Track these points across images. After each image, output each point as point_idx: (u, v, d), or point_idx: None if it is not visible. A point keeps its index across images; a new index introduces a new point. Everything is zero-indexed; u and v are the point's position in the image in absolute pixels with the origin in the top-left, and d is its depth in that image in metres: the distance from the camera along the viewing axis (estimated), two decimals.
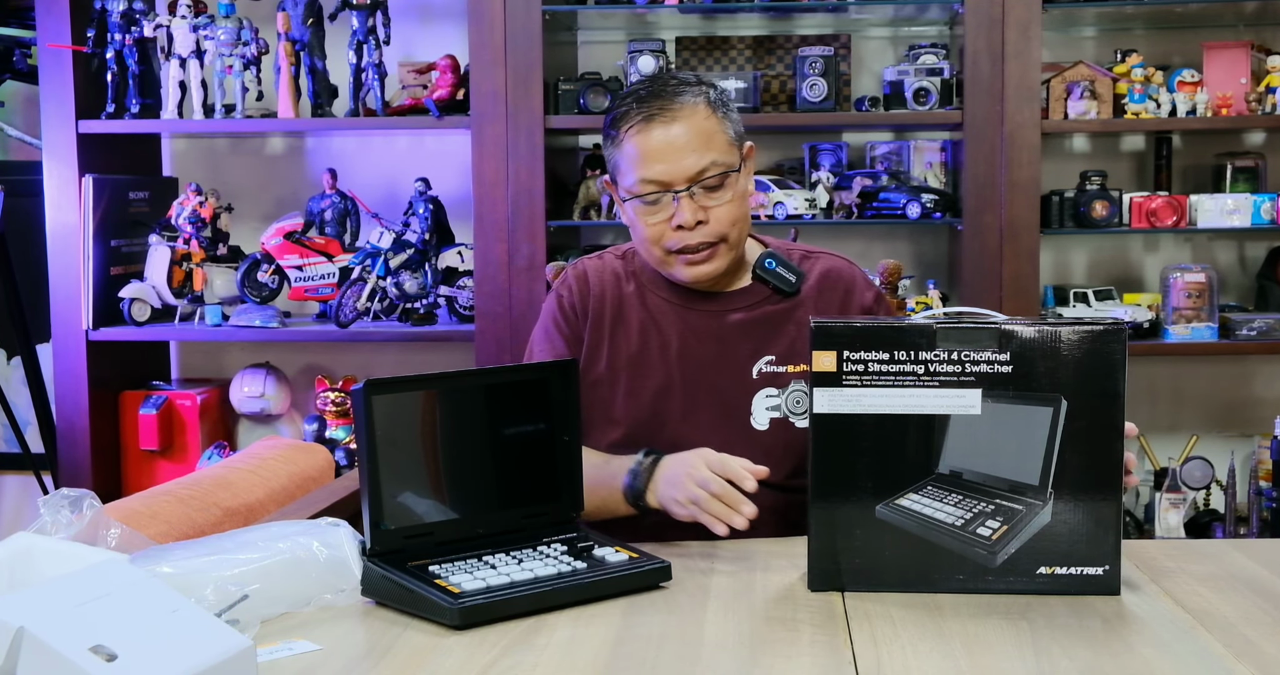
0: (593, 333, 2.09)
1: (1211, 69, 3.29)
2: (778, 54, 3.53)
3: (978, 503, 1.60)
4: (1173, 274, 3.28)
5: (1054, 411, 1.60)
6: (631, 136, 1.99)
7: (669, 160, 1.97)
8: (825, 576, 1.62)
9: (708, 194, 1.98)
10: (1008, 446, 1.60)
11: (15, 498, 3.85)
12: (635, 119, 1.99)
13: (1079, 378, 1.60)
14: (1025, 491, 1.60)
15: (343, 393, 3.44)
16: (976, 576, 1.59)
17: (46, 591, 1.24)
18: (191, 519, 2.00)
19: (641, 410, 2.04)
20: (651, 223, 2.00)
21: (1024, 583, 1.60)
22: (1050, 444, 1.60)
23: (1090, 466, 1.61)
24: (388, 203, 3.56)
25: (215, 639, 1.26)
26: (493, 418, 1.71)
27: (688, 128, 1.98)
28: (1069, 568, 1.60)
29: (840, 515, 1.61)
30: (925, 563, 1.60)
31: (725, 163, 1.99)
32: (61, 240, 3.37)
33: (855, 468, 1.60)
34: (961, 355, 1.59)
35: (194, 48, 3.36)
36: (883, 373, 1.59)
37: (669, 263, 2.03)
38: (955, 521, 1.60)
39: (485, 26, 3.24)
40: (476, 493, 1.70)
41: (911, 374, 1.59)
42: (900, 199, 3.28)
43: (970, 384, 1.59)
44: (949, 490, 1.60)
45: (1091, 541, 1.60)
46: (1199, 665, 1.37)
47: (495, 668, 1.39)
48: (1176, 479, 3.33)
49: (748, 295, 2.09)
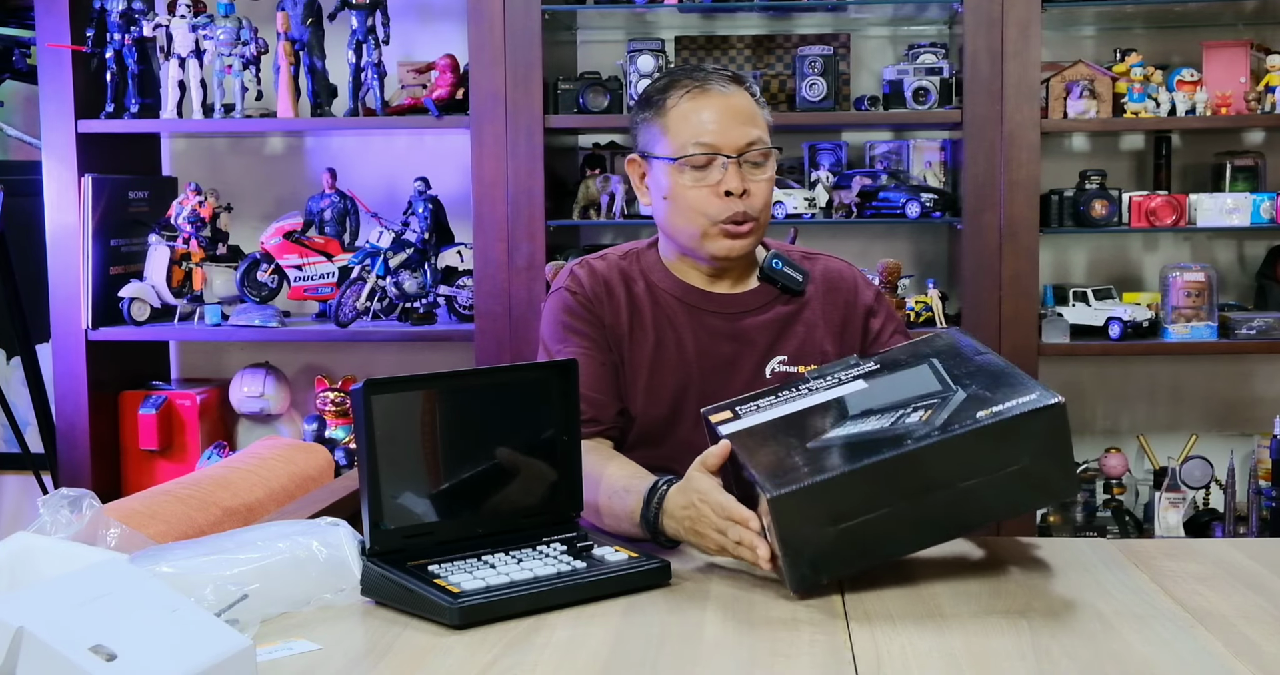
0: (612, 328, 2.06)
1: (1211, 68, 3.29)
2: (777, 53, 3.54)
3: (893, 413, 1.67)
4: (1172, 273, 3.29)
5: (929, 365, 1.75)
6: (685, 101, 2.01)
7: (722, 126, 1.99)
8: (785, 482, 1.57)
9: (751, 169, 2.01)
10: (905, 385, 1.72)
11: (15, 498, 3.85)
12: (689, 86, 2.02)
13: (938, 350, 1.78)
14: (932, 394, 1.68)
15: (342, 392, 3.44)
16: (924, 437, 1.59)
17: (46, 591, 1.24)
18: (191, 519, 2.00)
19: (659, 409, 2.04)
20: (698, 189, 2.00)
21: (970, 425, 1.59)
22: (939, 374, 1.72)
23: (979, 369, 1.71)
24: (387, 202, 3.56)
25: (215, 639, 1.26)
26: (493, 417, 1.71)
27: (739, 102, 2.03)
28: (1004, 403, 1.61)
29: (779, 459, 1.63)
30: (871, 446, 1.60)
31: (768, 142, 2.03)
32: (61, 240, 3.37)
33: (776, 439, 1.68)
34: (834, 376, 1.79)
35: (193, 47, 3.36)
36: (773, 404, 1.77)
37: (708, 236, 2.02)
38: (882, 425, 1.65)
39: (485, 26, 3.24)
40: (476, 492, 1.70)
41: (797, 395, 1.77)
42: (900, 198, 3.29)
43: (851, 380, 1.77)
44: (865, 416, 1.68)
45: (1010, 388, 1.64)
46: (1199, 664, 1.38)
47: (495, 667, 1.39)
48: (1176, 478, 3.33)
49: (758, 296, 2.09)
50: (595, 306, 2.06)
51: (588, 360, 1.99)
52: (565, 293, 2.08)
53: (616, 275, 2.09)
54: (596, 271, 2.09)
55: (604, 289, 2.07)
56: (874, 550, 1.63)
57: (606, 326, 2.05)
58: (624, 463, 1.91)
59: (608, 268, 2.10)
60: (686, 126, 2.00)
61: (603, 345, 2.04)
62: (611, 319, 2.06)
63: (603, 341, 2.04)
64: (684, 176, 2.00)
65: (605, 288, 2.07)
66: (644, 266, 2.11)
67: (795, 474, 1.58)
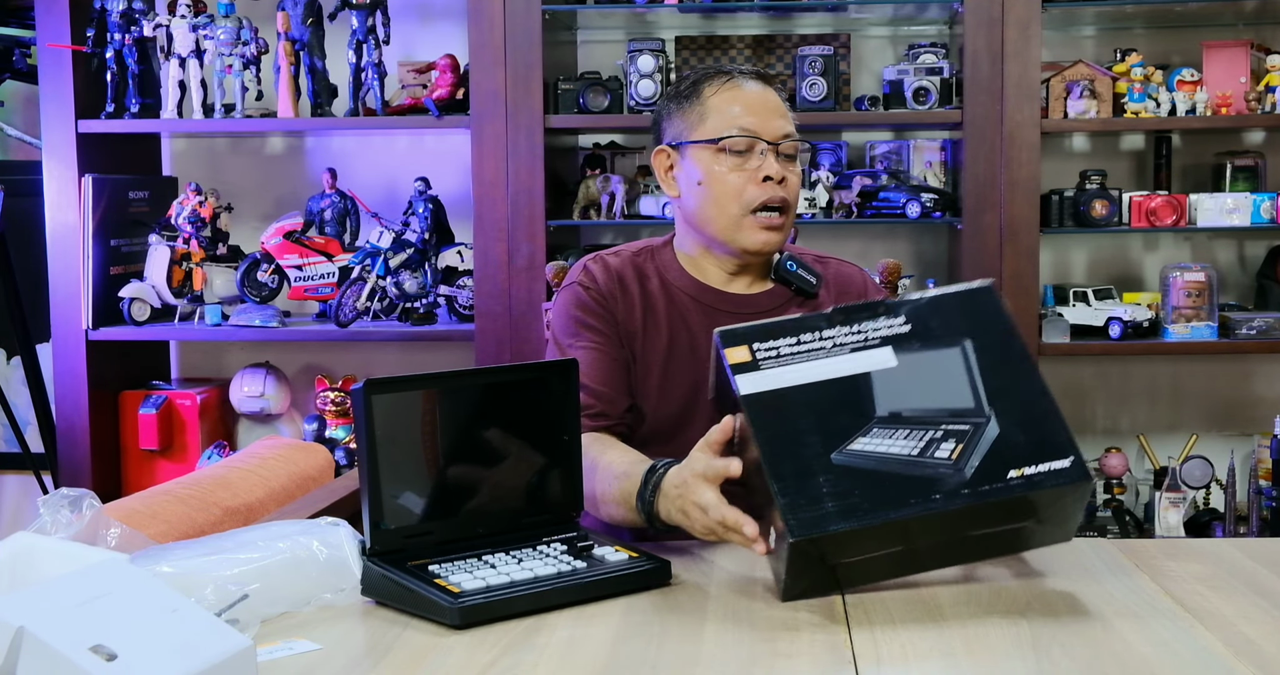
0: (624, 325, 2.05)
1: (1211, 68, 3.29)
2: (777, 53, 3.54)
3: (925, 432, 1.61)
4: (1172, 273, 3.29)
5: (962, 349, 1.66)
6: (725, 89, 2.03)
7: (762, 114, 2.02)
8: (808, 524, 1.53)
9: (786, 161, 2.03)
10: (935, 384, 1.64)
11: (15, 498, 3.85)
12: (725, 79, 2.04)
13: (971, 325, 1.67)
14: (966, 414, 1.62)
15: (342, 392, 3.44)
16: (953, 494, 1.56)
17: (46, 591, 1.24)
18: (191, 519, 2.00)
19: (672, 407, 2.03)
20: (735, 176, 2.00)
21: (1001, 489, 1.56)
22: (971, 373, 1.64)
23: (1014, 382, 1.64)
24: (387, 202, 3.56)
25: (215, 639, 1.26)
26: (492, 417, 1.71)
27: (773, 97, 2.06)
28: (1037, 466, 1.58)
29: (800, 471, 1.56)
30: (898, 490, 1.56)
31: (799, 137, 2.06)
32: (61, 240, 3.37)
33: (798, 430, 1.59)
34: (860, 327, 1.66)
35: (194, 47, 3.36)
36: (794, 354, 1.64)
37: (742, 226, 2.02)
38: (911, 451, 1.59)
39: (485, 26, 3.24)
40: (476, 492, 1.70)
41: (820, 350, 1.65)
42: (900, 198, 3.29)
43: (877, 346, 1.65)
44: (894, 428, 1.61)
45: (1046, 440, 1.60)
46: (1199, 664, 1.37)
47: (495, 667, 1.39)
48: (1176, 478, 3.33)
49: (772, 297, 2.09)
50: (609, 302, 2.05)
51: (600, 355, 1.99)
52: (578, 287, 2.07)
53: (631, 271, 2.08)
54: (610, 267, 2.08)
55: (618, 285, 2.06)
56: (871, 576, 1.63)
57: (619, 322, 2.04)
58: (625, 450, 1.90)
59: (622, 263, 2.09)
60: (727, 112, 2.02)
61: (615, 341, 2.03)
62: (625, 315, 2.05)
63: (615, 337, 2.04)
64: (722, 162, 2.01)
65: (619, 284, 2.06)
66: (659, 264, 2.10)
67: (820, 513, 1.53)
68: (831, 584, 1.61)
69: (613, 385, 2.00)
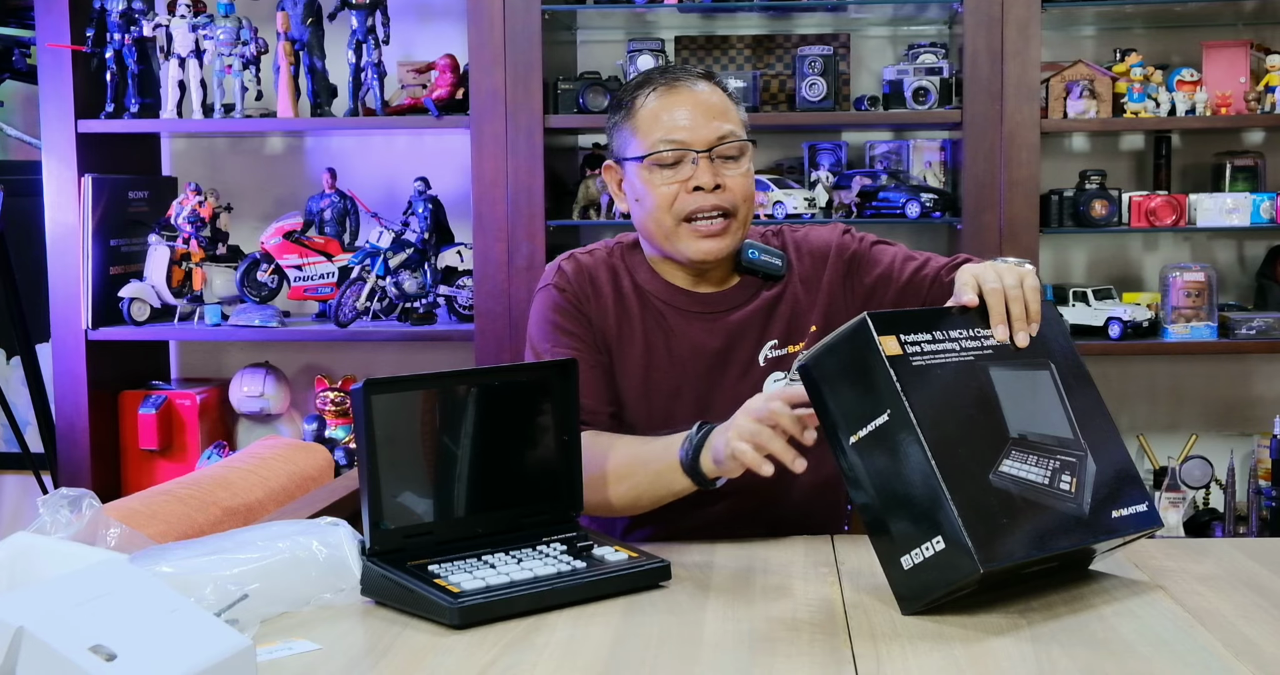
0: (599, 326, 2.04)
1: (1211, 68, 3.29)
2: (777, 53, 3.54)
3: (1048, 460, 1.60)
4: (1172, 273, 3.29)
5: (1050, 373, 1.66)
6: (655, 98, 1.99)
7: (691, 122, 1.97)
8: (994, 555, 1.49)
9: (725, 163, 1.98)
10: (1038, 407, 1.63)
11: (15, 498, 3.85)
12: (659, 84, 2.00)
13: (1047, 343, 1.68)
14: (1069, 445, 1.63)
15: (342, 392, 3.44)
16: (1078, 531, 1.57)
17: (46, 591, 1.24)
18: (191, 519, 2.00)
19: (653, 412, 2.02)
20: (665, 186, 1.97)
21: (1109, 531, 1.59)
22: (1063, 401, 1.65)
23: (1091, 414, 1.66)
24: (387, 202, 3.56)
25: (215, 639, 1.26)
26: (492, 417, 1.71)
27: (710, 97, 2.00)
28: (1126, 509, 1.62)
29: (967, 489, 1.51)
30: (1050, 521, 1.56)
31: (741, 135, 2.01)
32: (61, 240, 3.37)
33: (952, 439, 1.55)
34: (973, 332, 1.65)
35: (193, 47, 3.36)
36: (935, 351, 1.61)
37: (677, 236, 1.99)
38: (1042, 480, 1.58)
39: (485, 26, 3.24)
40: (476, 492, 1.70)
41: (953, 350, 1.62)
42: (899, 198, 3.29)
43: (989, 357, 1.63)
44: (1026, 453, 1.59)
45: (1126, 481, 1.64)
46: (1199, 664, 1.37)
47: (495, 667, 1.39)
48: (1176, 478, 3.33)
49: (743, 289, 2.07)
50: (583, 305, 2.03)
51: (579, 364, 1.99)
52: (554, 290, 2.05)
53: (604, 271, 2.06)
54: (583, 266, 2.06)
55: (591, 286, 2.05)
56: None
57: (595, 326, 2.03)
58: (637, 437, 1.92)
59: (595, 263, 2.07)
60: (656, 125, 1.98)
61: (593, 346, 2.02)
62: (599, 318, 2.04)
63: (592, 341, 2.02)
64: (655, 175, 1.98)
65: (593, 285, 2.05)
66: (630, 264, 2.08)
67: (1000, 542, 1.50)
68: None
69: (595, 394, 1.98)
